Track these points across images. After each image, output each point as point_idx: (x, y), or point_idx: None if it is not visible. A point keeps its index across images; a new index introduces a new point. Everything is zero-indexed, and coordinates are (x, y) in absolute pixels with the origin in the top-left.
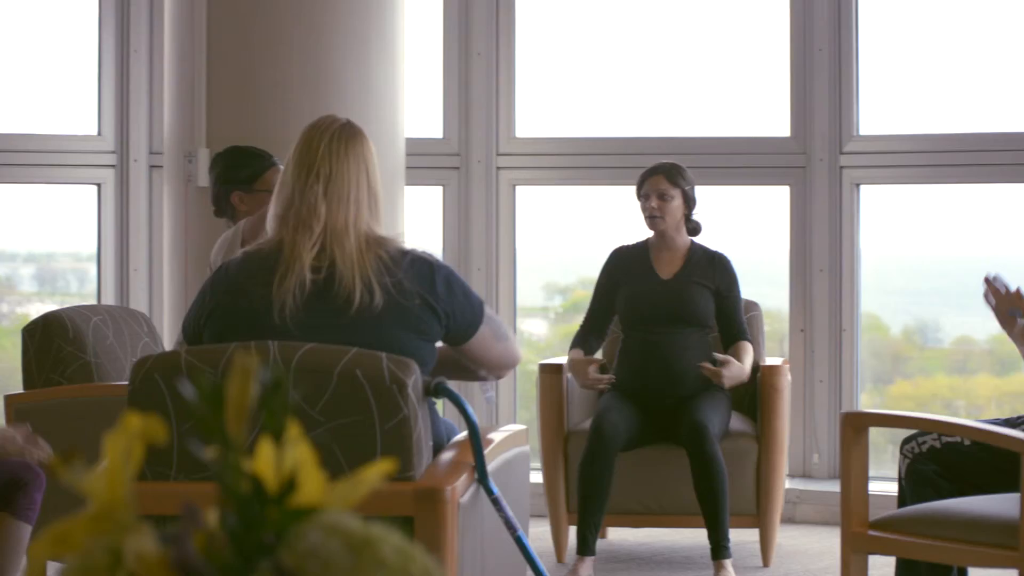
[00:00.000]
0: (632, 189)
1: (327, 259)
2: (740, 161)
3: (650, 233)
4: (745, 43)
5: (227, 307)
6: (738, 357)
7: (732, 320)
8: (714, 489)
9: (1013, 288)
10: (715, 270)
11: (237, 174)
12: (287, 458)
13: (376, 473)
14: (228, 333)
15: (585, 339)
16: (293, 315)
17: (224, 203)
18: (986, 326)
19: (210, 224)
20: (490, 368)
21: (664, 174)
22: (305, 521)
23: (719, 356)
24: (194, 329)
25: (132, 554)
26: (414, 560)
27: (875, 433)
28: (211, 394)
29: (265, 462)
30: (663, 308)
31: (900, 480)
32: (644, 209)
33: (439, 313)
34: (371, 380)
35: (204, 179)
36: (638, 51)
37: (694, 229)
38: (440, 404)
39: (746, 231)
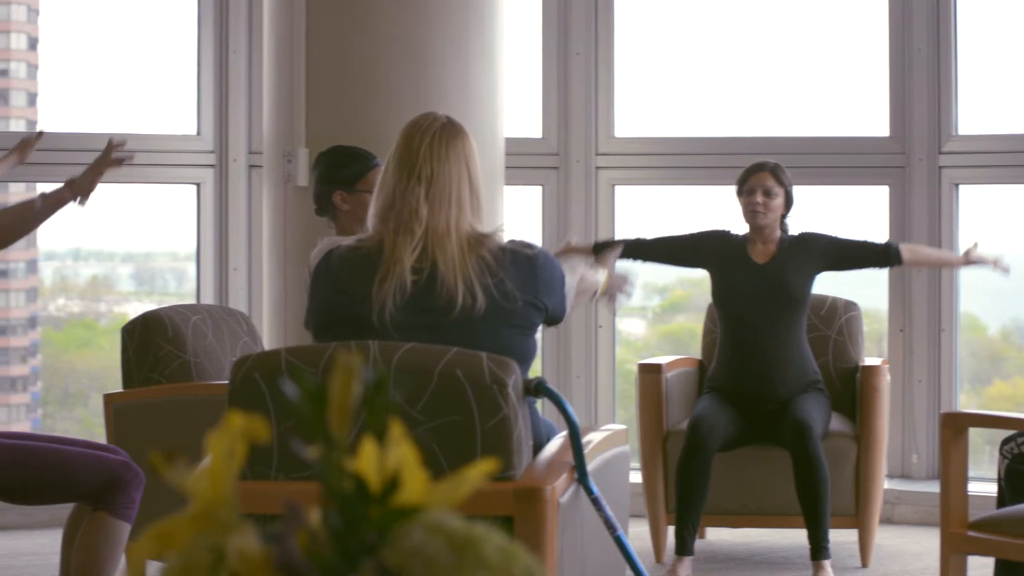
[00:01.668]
0: (730, 188)
1: (428, 261)
2: (839, 161)
3: (745, 230)
4: (844, 43)
5: (328, 304)
6: (923, 256)
7: (863, 247)
8: (816, 489)
9: None
10: (807, 244)
11: (340, 173)
12: (390, 457)
13: (479, 472)
14: (328, 330)
15: (629, 245)
16: (392, 317)
17: (326, 202)
18: None
19: (309, 223)
20: None
21: (770, 171)
22: (408, 520)
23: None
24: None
25: (235, 553)
26: (517, 559)
27: (973, 433)
28: (314, 393)
29: (368, 461)
30: (758, 290)
31: (999, 481)
32: (747, 204)
33: (541, 308)
34: (471, 379)
35: (303, 179)
36: (737, 50)
37: (784, 231)
38: (540, 403)
39: (845, 231)
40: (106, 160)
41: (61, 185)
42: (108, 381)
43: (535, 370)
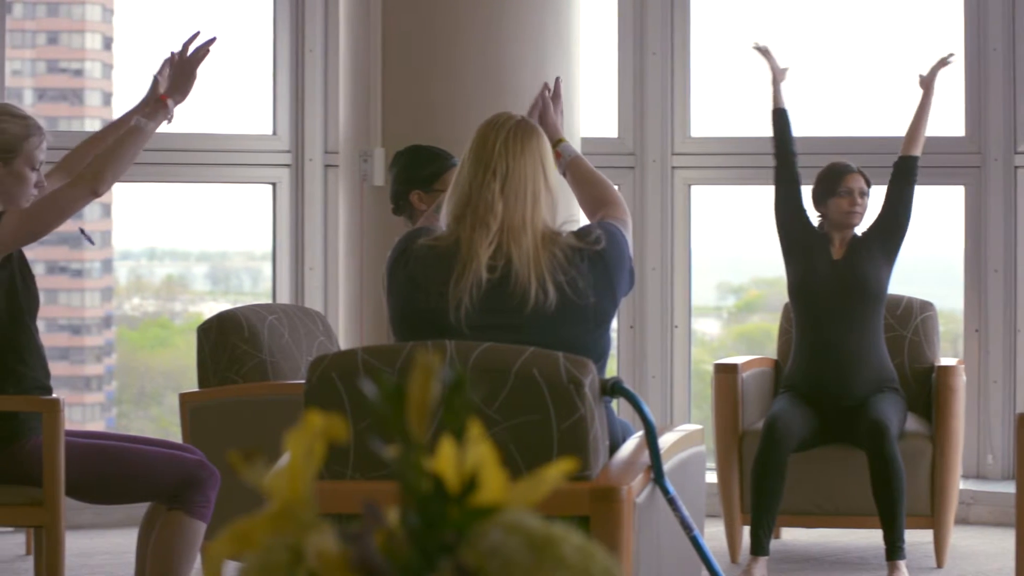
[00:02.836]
0: (806, 188)
1: (503, 257)
2: None
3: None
4: (919, 42)
5: (404, 303)
6: (911, 133)
7: (888, 191)
8: (892, 490)
9: None
10: (868, 235)
11: (417, 173)
12: (468, 457)
13: (557, 472)
14: (404, 328)
15: (783, 145)
16: (468, 315)
17: (403, 202)
18: None
19: (385, 223)
20: None
21: (861, 174)
22: (486, 520)
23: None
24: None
25: (313, 552)
26: (595, 559)
27: None
28: (393, 393)
29: (446, 461)
30: (836, 284)
31: None
32: (845, 204)
33: (617, 299)
34: (548, 379)
35: (379, 178)
36: (812, 50)
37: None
38: (616, 403)
39: (920, 231)
40: (185, 62)
41: (153, 101)
42: (183, 380)
43: (611, 370)
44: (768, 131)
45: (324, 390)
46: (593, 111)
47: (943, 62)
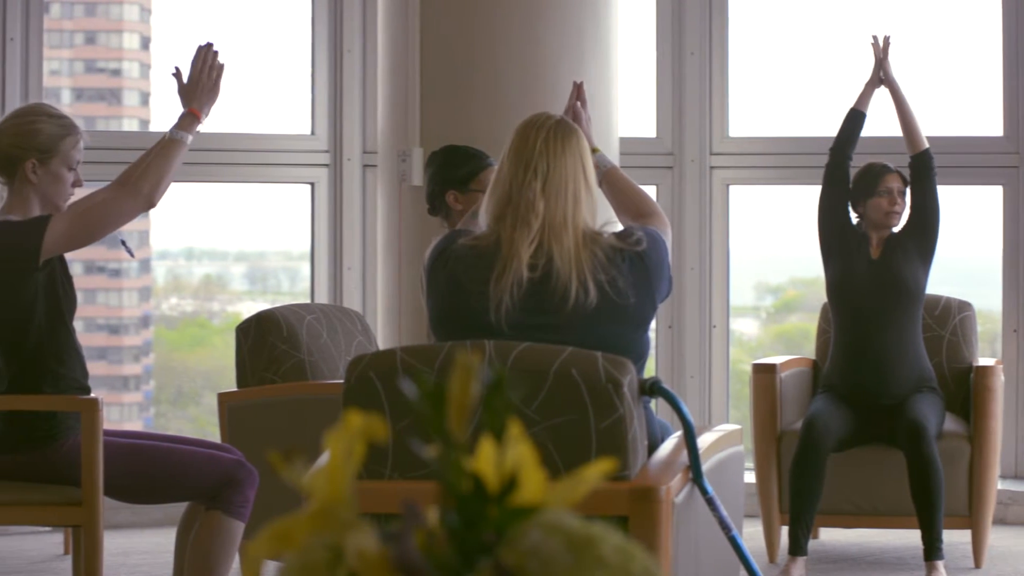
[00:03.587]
0: None
1: (544, 256)
2: (952, 161)
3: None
4: (957, 41)
5: (445, 302)
6: (905, 127)
7: (912, 192)
8: (931, 490)
9: None
10: (901, 236)
11: (453, 173)
12: (508, 457)
13: (597, 472)
14: (445, 329)
15: (844, 144)
16: (508, 314)
17: (439, 202)
18: None
19: (423, 223)
20: None
21: (898, 173)
22: (526, 520)
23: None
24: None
25: (353, 552)
26: (635, 559)
27: None
28: (433, 393)
29: (486, 461)
30: (874, 283)
31: None
32: (886, 204)
33: (655, 302)
34: (587, 379)
35: (418, 178)
36: (850, 50)
37: None
38: (654, 403)
39: (958, 231)
40: (199, 77)
41: (183, 114)
42: (221, 380)
43: (649, 370)
44: (804, 131)
45: (363, 390)
46: (631, 111)
47: (884, 50)
